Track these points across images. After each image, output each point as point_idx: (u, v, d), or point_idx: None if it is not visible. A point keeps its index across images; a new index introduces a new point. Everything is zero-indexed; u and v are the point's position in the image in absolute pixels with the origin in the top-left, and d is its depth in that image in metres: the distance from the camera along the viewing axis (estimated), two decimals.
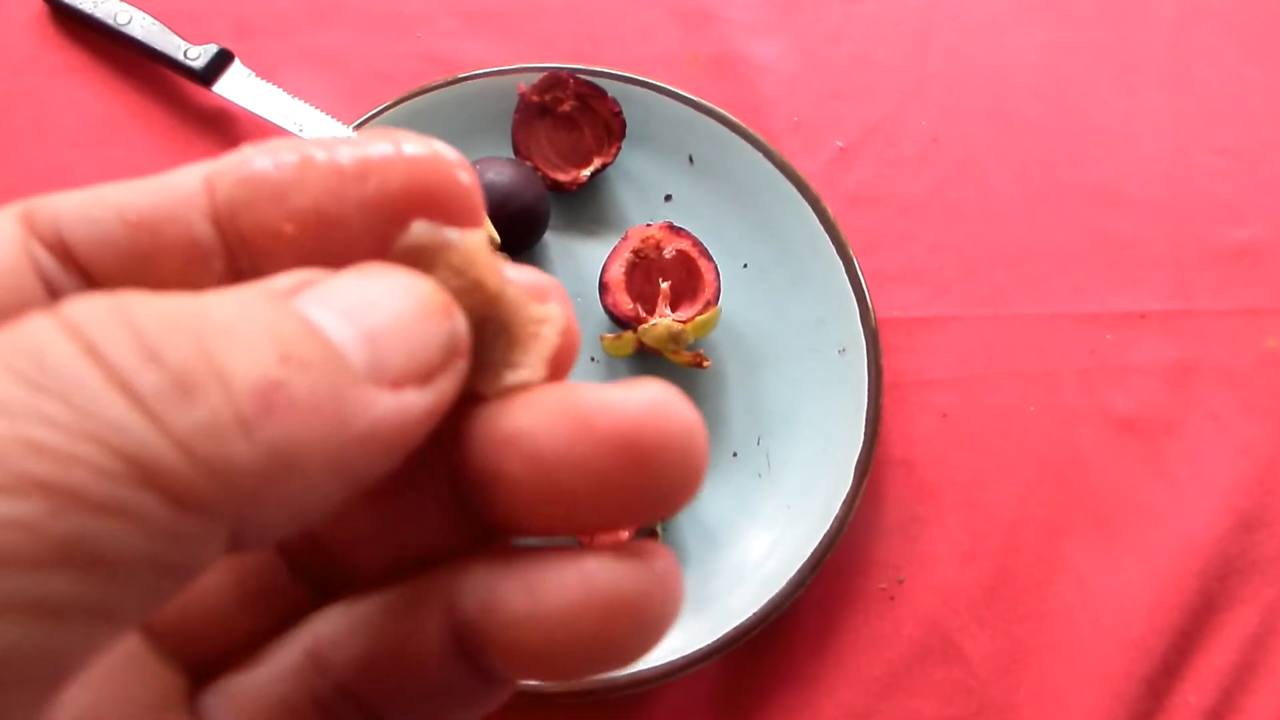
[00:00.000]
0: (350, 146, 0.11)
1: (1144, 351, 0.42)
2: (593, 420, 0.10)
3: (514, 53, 0.44)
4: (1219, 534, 0.39)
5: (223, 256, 0.11)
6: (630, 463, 0.10)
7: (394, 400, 0.10)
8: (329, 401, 0.09)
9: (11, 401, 0.08)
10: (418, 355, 0.10)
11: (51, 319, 0.09)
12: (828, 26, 0.46)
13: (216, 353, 0.09)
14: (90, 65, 0.42)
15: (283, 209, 0.11)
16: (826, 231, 0.39)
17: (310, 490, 0.09)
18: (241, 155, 0.12)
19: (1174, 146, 0.45)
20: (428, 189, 0.11)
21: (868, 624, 0.38)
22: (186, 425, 0.08)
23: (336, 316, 0.10)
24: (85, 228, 0.11)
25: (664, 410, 0.10)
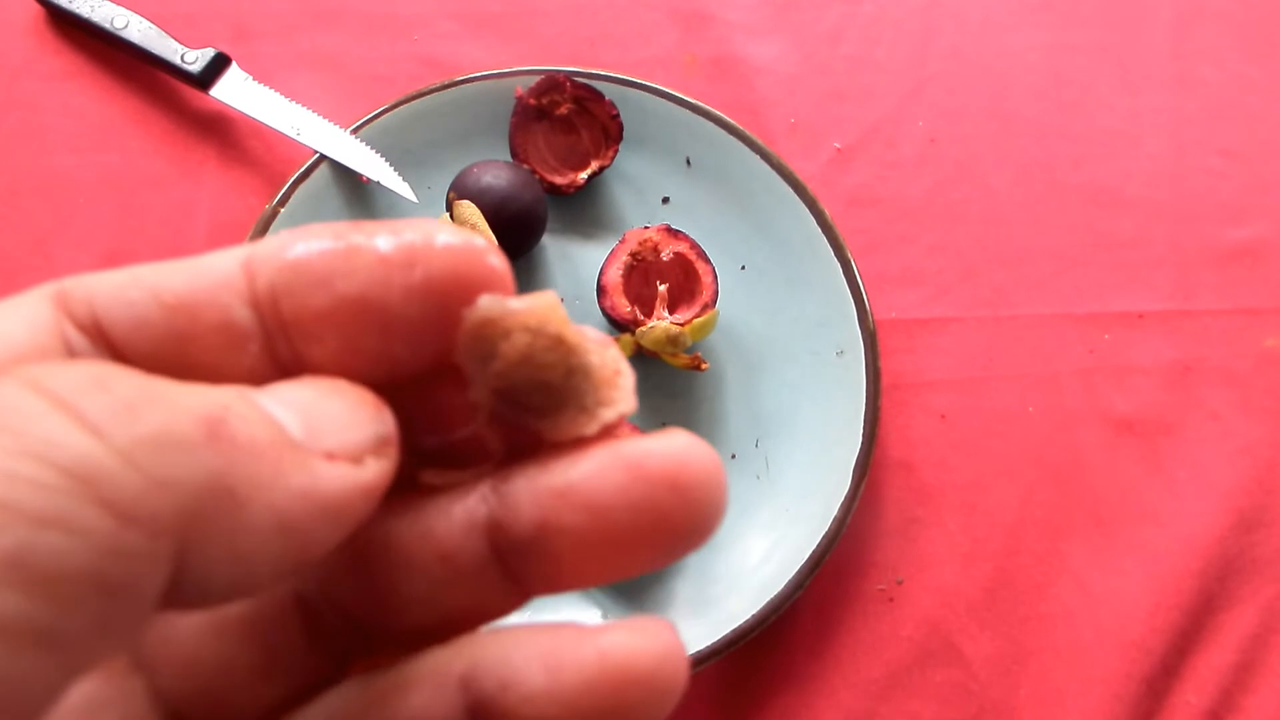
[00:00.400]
0: (390, 235, 0.12)
1: (1144, 352, 0.42)
2: (642, 464, 0.12)
3: (512, 55, 0.44)
4: (1219, 534, 0.39)
5: (259, 340, 0.12)
6: (676, 497, 0.12)
7: (330, 468, 0.11)
8: (268, 449, 0.10)
9: None
10: (349, 436, 0.11)
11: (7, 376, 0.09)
12: (826, 27, 0.46)
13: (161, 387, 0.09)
14: (87, 70, 0.42)
15: (329, 295, 0.12)
16: (824, 233, 0.39)
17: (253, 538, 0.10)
18: (281, 240, 0.12)
19: (1174, 147, 0.45)
20: (465, 275, 0.12)
21: (867, 626, 0.38)
22: (130, 437, 0.09)
23: (274, 401, 0.11)
24: (121, 309, 0.11)
25: (697, 452, 0.12)
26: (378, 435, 0.11)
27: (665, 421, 0.39)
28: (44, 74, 0.41)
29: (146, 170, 0.40)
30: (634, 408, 0.13)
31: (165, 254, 0.40)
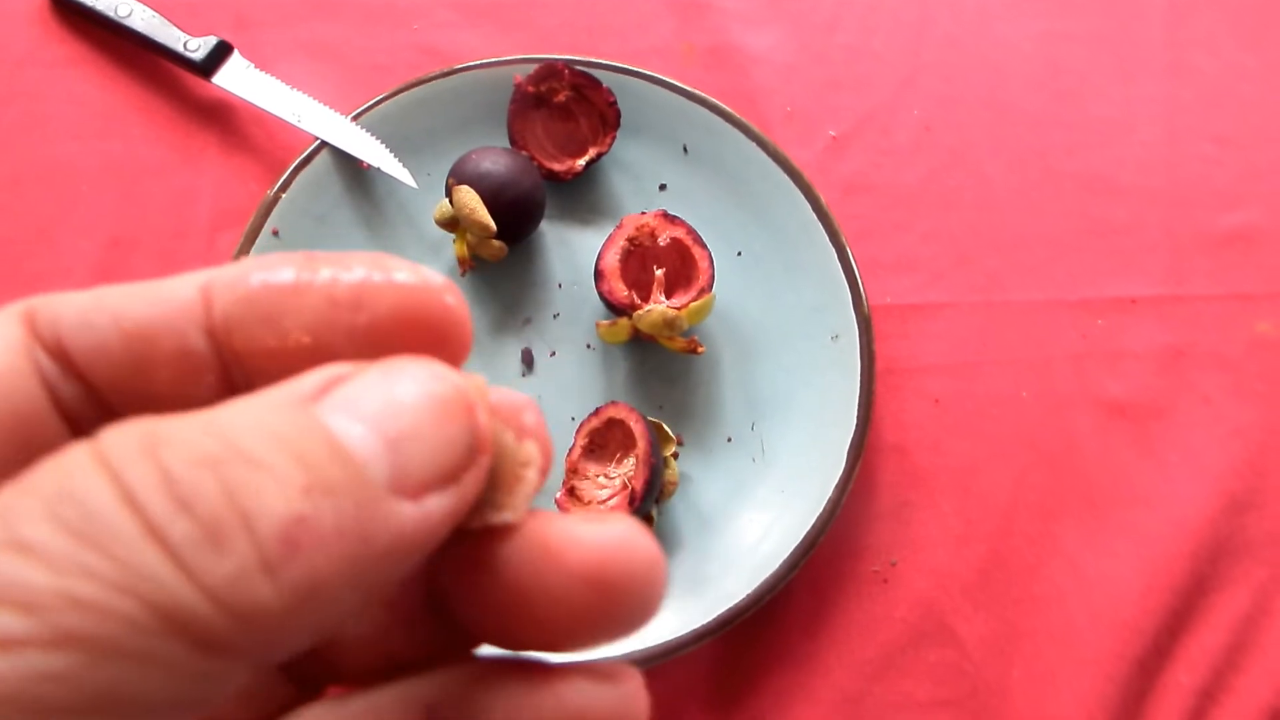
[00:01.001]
0: (344, 271, 0.11)
1: (1136, 336, 0.42)
2: (564, 555, 0.11)
3: (510, 44, 0.44)
4: (1210, 516, 0.39)
5: (216, 369, 0.12)
6: (596, 593, 0.11)
7: (416, 510, 0.10)
8: (353, 524, 0.10)
9: (55, 552, 0.09)
10: (440, 459, 0.11)
11: (90, 457, 0.09)
12: (822, 16, 0.46)
13: (241, 492, 0.09)
14: (90, 57, 0.42)
15: (277, 332, 0.11)
16: (819, 220, 0.40)
17: (330, 612, 0.10)
18: (239, 269, 0.12)
19: (1168, 134, 0.45)
20: (418, 316, 0.12)
21: (861, 607, 0.38)
22: (215, 576, 0.09)
23: (361, 425, 0.10)
24: (84, 334, 0.11)
25: (627, 546, 0.11)
26: (469, 444, 0.11)
27: (662, 405, 0.39)
28: (47, 62, 0.42)
29: (149, 157, 0.41)
30: (520, 519, 0.12)
31: (167, 240, 0.41)
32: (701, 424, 0.39)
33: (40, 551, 0.09)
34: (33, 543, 0.09)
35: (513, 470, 0.12)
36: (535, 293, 0.40)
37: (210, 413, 0.10)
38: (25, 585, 0.08)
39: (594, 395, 0.39)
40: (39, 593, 0.08)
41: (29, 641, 0.08)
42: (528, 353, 0.39)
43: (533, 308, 0.40)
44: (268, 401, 0.10)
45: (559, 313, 0.40)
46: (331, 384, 0.11)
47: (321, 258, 0.12)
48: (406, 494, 0.10)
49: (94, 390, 0.12)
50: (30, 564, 0.09)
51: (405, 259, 0.12)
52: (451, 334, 0.12)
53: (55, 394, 0.11)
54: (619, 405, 0.37)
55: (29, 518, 0.09)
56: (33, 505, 0.09)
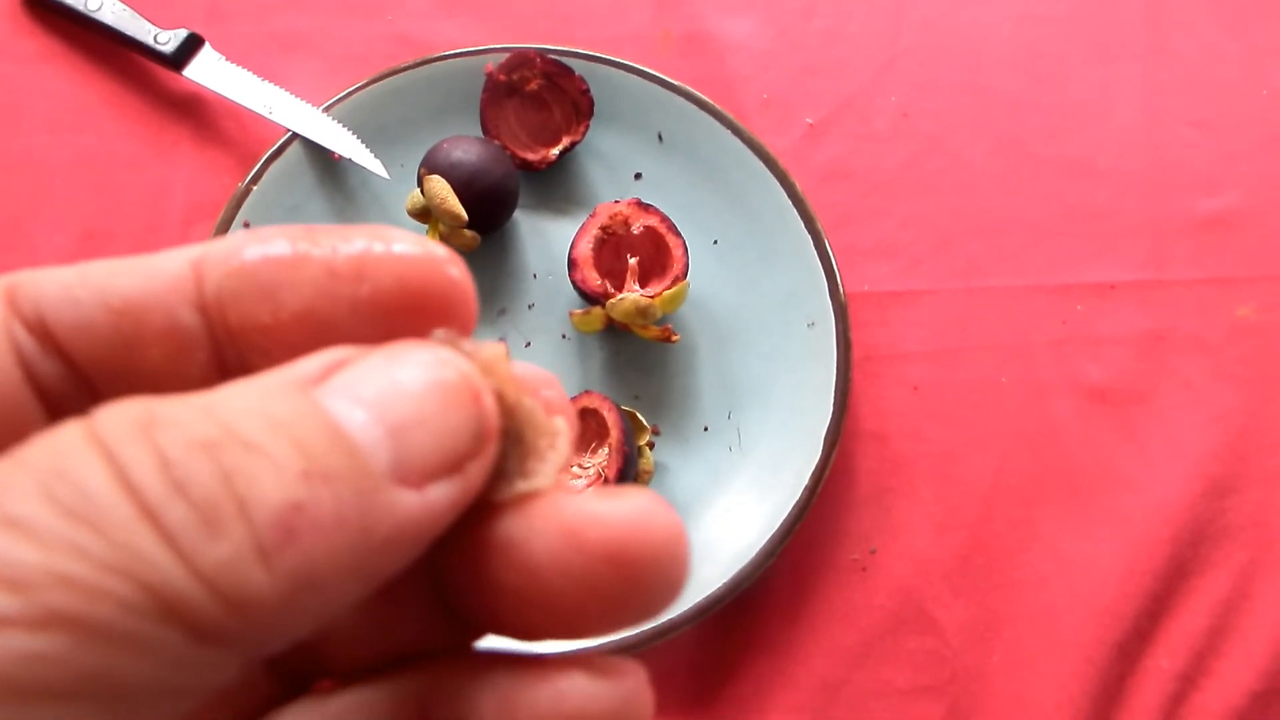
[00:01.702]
0: (344, 243, 0.11)
1: (1116, 322, 0.42)
2: (582, 532, 0.11)
3: (486, 33, 0.44)
4: (1191, 501, 0.39)
5: (207, 347, 0.11)
6: (616, 573, 0.11)
7: (418, 499, 0.10)
8: (352, 512, 0.09)
9: (46, 530, 0.08)
10: (445, 446, 0.10)
11: (84, 435, 0.09)
12: (799, 2, 0.46)
13: (238, 477, 0.09)
14: (62, 52, 0.42)
15: (273, 306, 0.11)
16: (795, 207, 0.39)
17: (327, 603, 0.10)
18: (232, 243, 0.11)
19: (1148, 118, 0.45)
20: (421, 287, 0.11)
21: (841, 594, 0.38)
22: (209, 560, 0.09)
23: (362, 410, 0.10)
24: (68, 310, 0.11)
25: (649, 521, 0.11)
26: (475, 432, 0.11)
27: (638, 395, 0.39)
28: (19, 56, 0.42)
29: (122, 151, 0.41)
30: (552, 484, 0.11)
31: (141, 233, 0.41)
32: (678, 413, 0.39)
33: (31, 528, 0.08)
34: (23, 519, 0.08)
35: (542, 438, 0.12)
36: (510, 283, 0.40)
37: (207, 395, 0.10)
38: (14, 563, 0.08)
39: (570, 385, 0.39)
40: (28, 570, 0.08)
41: (16, 621, 0.08)
42: (503, 343, 0.39)
43: (507, 298, 0.40)
44: (267, 385, 0.10)
45: (534, 303, 0.40)
46: (333, 368, 0.10)
47: (319, 230, 0.11)
48: (409, 483, 0.10)
49: (76, 368, 0.11)
50: (20, 541, 0.08)
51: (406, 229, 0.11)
52: (457, 306, 0.11)
53: (32, 372, 0.11)
54: (592, 395, 0.36)
55: (20, 494, 0.09)
56: (24, 481, 0.09)
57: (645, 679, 0.11)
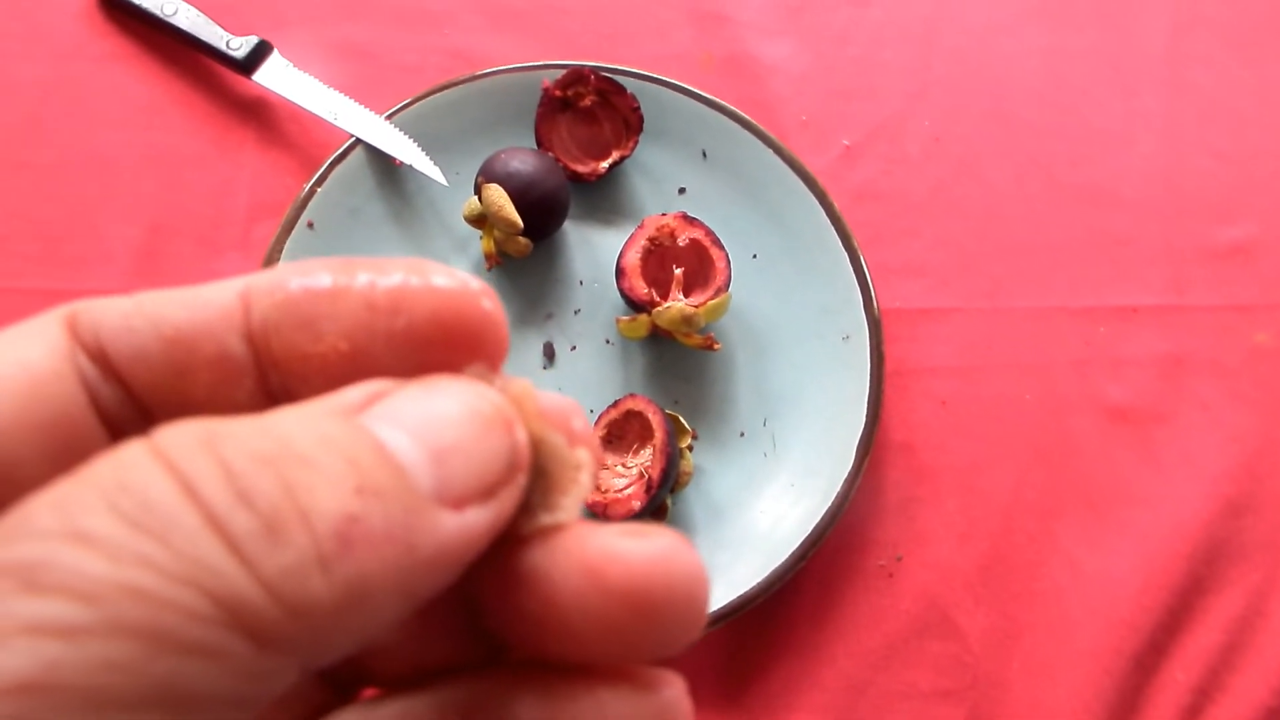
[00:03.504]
0: (382, 276, 0.11)
1: (1137, 344, 0.43)
2: (604, 571, 0.11)
3: (535, 49, 0.46)
4: (1207, 519, 0.41)
5: (254, 374, 0.12)
6: (636, 612, 0.11)
7: (457, 520, 0.10)
8: (400, 529, 0.10)
9: (114, 543, 0.09)
10: (481, 472, 0.11)
11: (147, 451, 0.09)
12: (836, 29, 0.48)
13: (299, 489, 0.09)
14: (136, 53, 0.44)
15: (314, 336, 0.11)
16: (833, 225, 0.41)
17: (377, 615, 0.10)
18: (277, 275, 0.12)
19: (1168, 147, 0.47)
20: (455, 319, 0.12)
21: (867, 599, 0.40)
22: (273, 568, 0.09)
23: (405, 436, 0.10)
24: (125, 338, 0.11)
25: (670, 563, 0.11)
26: (508, 460, 0.11)
27: (678, 400, 0.41)
28: (94, 56, 0.44)
29: (189, 149, 0.43)
30: (575, 520, 0.12)
31: (206, 229, 0.42)
32: (715, 418, 0.40)
33: (100, 541, 0.09)
34: (92, 533, 0.09)
35: (565, 473, 0.12)
36: (558, 289, 0.42)
37: (262, 417, 0.10)
38: (85, 575, 0.08)
39: (612, 388, 0.40)
40: (99, 582, 0.08)
41: (90, 631, 0.08)
42: (549, 346, 0.41)
43: (555, 303, 0.41)
44: (316, 410, 0.10)
45: (580, 309, 0.41)
46: (374, 398, 0.11)
47: (359, 263, 0.12)
48: (449, 504, 0.10)
49: (133, 394, 0.12)
50: (90, 554, 0.09)
51: (442, 263, 0.12)
52: (488, 337, 0.12)
53: (95, 397, 0.11)
54: (637, 398, 0.38)
55: (88, 508, 0.09)
56: (91, 496, 0.09)
57: (684, 689, 0.12)
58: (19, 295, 0.40)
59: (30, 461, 0.11)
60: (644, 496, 0.36)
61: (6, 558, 0.09)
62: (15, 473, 0.11)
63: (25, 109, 0.42)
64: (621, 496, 0.37)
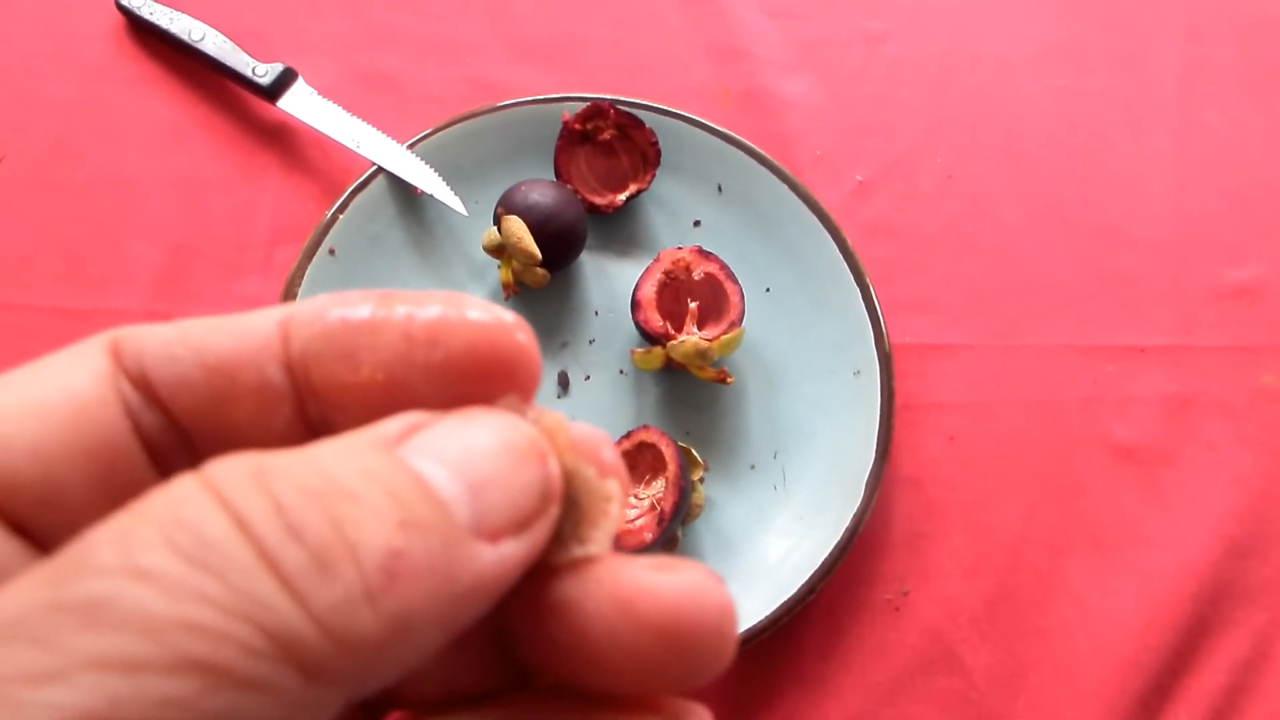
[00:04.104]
0: (420, 309, 0.12)
1: (1144, 384, 0.44)
2: (635, 604, 0.11)
3: (556, 81, 0.46)
4: (1212, 560, 0.41)
5: (292, 402, 0.12)
6: (666, 645, 0.11)
7: (494, 553, 0.11)
8: (441, 562, 0.10)
9: (173, 579, 0.09)
10: (516, 505, 0.11)
11: (200, 486, 0.10)
12: (852, 66, 0.48)
13: (346, 524, 0.10)
14: (162, 76, 0.44)
15: (353, 366, 0.12)
16: (845, 260, 0.42)
17: (419, 646, 0.10)
18: (317, 305, 0.12)
19: (1178, 189, 0.47)
20: (490, 352, 0.12)
21: (873, 633, 0.40)
22: (323, 603, 0.09)
23: (444, 469, 0.11)
24: (167, 367, 0.12)
25: (701, 597, 0.11)
26: (542, 492, 0.11)
27: (689, 431, 0.41)
28: (121, 79, 0.44)
29: (213, 173, 0.43)
30: (606, 551, 0.12)
31: (228, 252, 0.43)
32: (726, 450, 0.41)
33: (159, 578, 0.09)
34: (151, 569, 0.09)
35: (596, 504, 0.12)
36: (573, 319, 0.42)
37: (306, 450, 0.10)
38: (146, 611, 0.09)
39: (625, 418, 0.41)
40: (159, 618, 0.09)
41: (150, 665, 0.08)
42: (564, 375, 0.41)
43: (570, 332, 0.42)
44: (357, 442, 0.11)
45: (594, 338, 0.42)
46: (412, 429, 0.11)
47: (397, 295, 0.12)
48: (485, 537, 0.10)
49: (174, 420, 0.12)
50: (150, 590, 0.09)
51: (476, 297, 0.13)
52: (522, 370, 0.12)
53: (137, 423, 0.12)
54: (650, 430, 0.38)
55: (146, 545, 0.09)
56: (149, 532, 0.09)
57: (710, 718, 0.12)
58: (42, 314, 0.40)
59: (76, 487, 0.11)
60: (656, 528, 0.36)
61: (70, 595, 0.09)
62: (62, 498, 0.11)
63: (53, 129, 0.43)
64: (633, 528, 0.37)
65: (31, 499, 0.11)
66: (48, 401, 0.11)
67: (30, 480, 0.11)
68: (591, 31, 0.48)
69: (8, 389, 0.11)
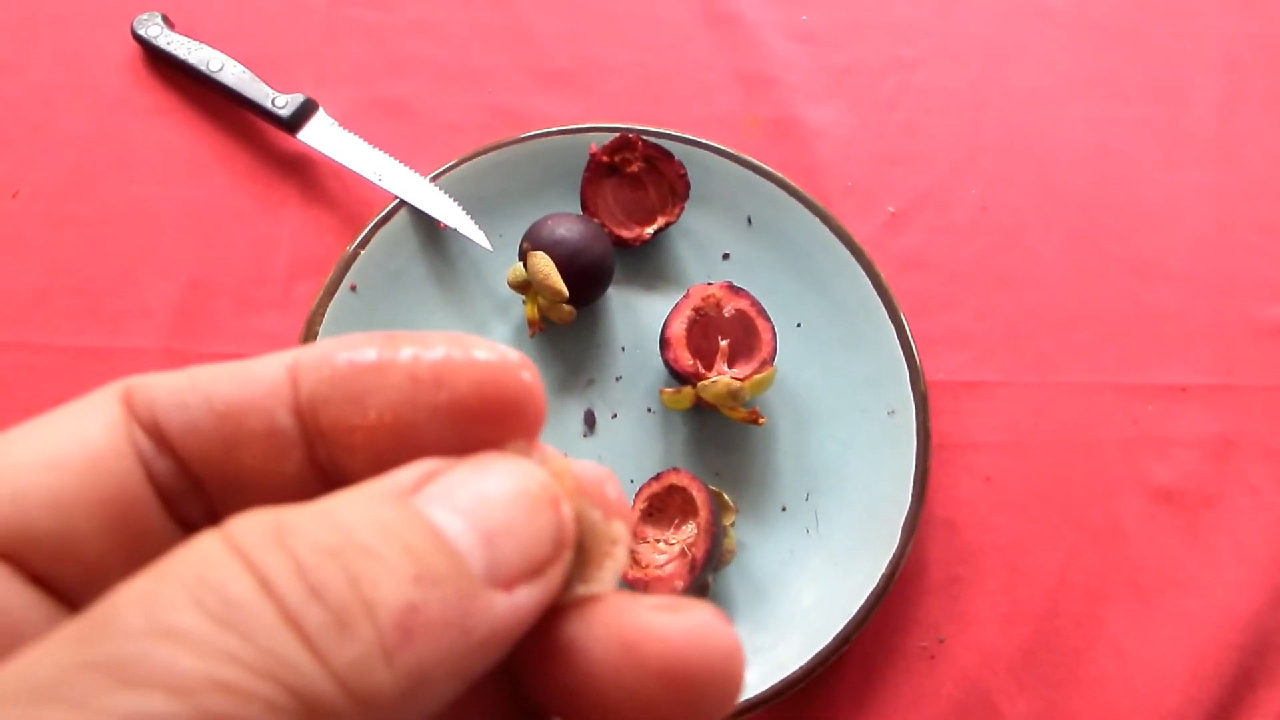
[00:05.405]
0: (425, 350, 0.12)
1: (1185, 424, 0.43)
2: (640, 646, 0.11)
3: (580, 110, 0.45)
4: (1256, 607, 0.40)
5: (302, 446, 0.12)
6: (671, 687, 0.11)
7: (508, 601, 0.11)
8: (456, 614, 0.10)
9: (201, 638, 0.09)
10: (530, 553, 0.11)
11: (223, 546, 0.10)
12: (883, 94, 0.47)
13: (363, 581, 0.10)
14: (179, 107, 0.44)
15: (361, 409, 0.12)
16: (879, 295, 0.40)
17: (435, 698, 0.10)
18: (324, 349, 0.12)
19: (1217, 223, 0.46)
20: (495, 392, 0.12)
21: (909, 681, 0.39)
22: (343, 661, 0.09)
23: (458, 519, 0.11)
24: (178, 414, 0.12)
25: (706, 638, 0.11)
26: (555, 538, 0.11)
27: (719, 472, 0.40)
28: (138, 109, 0.43)
29: (231, 205, 0.42)
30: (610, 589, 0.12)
31: (245, 286, 0.42)
32: (757, 492, 0.40)
33: (187, 637, 0.09)
34: (179, 629, 0.09)
35: (601, 546, 0.12)
36: (599, 355, 0.41)
37: (323, 504, 0.11)
38: (176, 670, 0.09)
39: (653, 459, 0.40)
40: (189, 677, 0.09)
41: None
42: (590, 414, 0.40)
43: (596, 369, 0.41)
44: (372, 494, 0.11)
45: (621, 375, 0.41)
46: (426, 479, 0.11)
47: (402, 337, 0.12)
48: (500, 585, 0.11)
49: (185, 466, 0.12)
50: (179, 650, 0.09)
51: (482, 337, 0.12)
52: (527, 409, 0.12)
53: (150, 470, 0.12)
54: (681, 473, 0.37)
55: (173, 605, 0.09)
56: (175, 593, 0.09)
57: None
58: (58, 353, 0.39)
59: (93, 537, 0.11)
60: (687, 576, 0.35)
61: (100, 655, 0.09)
62: (79, 548, 0.11)
63: (69, 162, 0.42)
64: (664, 574, 0.36)
65: (49, 550, 0.11)
66: (62, 453, 0.12)
67: (47, 531, 0.11)
68: (615, 58, 0.47)
69: (22, 441, 0.12)
